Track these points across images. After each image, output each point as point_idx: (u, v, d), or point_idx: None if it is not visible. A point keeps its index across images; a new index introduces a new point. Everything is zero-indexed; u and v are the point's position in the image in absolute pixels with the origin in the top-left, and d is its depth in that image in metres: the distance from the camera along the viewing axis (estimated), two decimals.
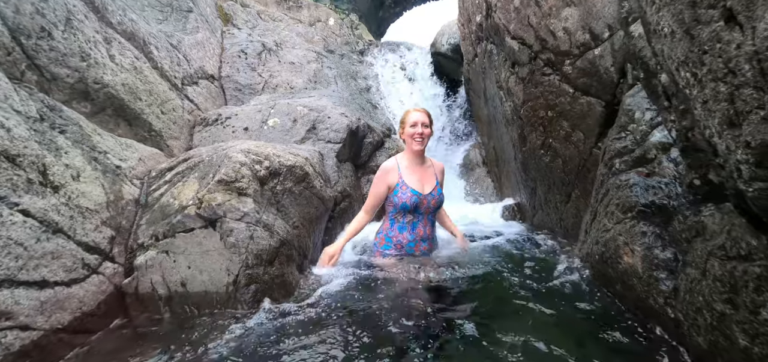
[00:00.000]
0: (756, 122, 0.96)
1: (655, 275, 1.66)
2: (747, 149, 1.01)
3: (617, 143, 2.29)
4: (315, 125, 3.77)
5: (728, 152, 1.09)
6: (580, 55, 3.04)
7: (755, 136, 0.97)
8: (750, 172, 1.03)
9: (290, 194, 2.70)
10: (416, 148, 2.60)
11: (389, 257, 2.59)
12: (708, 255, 1.37)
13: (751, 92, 0.97)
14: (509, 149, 4.26)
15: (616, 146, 2.27)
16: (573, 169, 3.28)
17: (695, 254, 1.48)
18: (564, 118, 3.26)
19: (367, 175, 4.15)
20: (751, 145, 1.00)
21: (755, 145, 0.98)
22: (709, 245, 1.39)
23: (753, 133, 0.98)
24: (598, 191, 2.34)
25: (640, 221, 1.83)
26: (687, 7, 1.10)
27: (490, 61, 4.53)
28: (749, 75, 0.96)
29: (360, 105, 5.10)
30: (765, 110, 0.94)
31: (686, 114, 1.62)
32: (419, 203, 2.51)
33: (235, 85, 4.84)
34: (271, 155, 2.64)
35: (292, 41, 5.76)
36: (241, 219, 2.26)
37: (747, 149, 1.01)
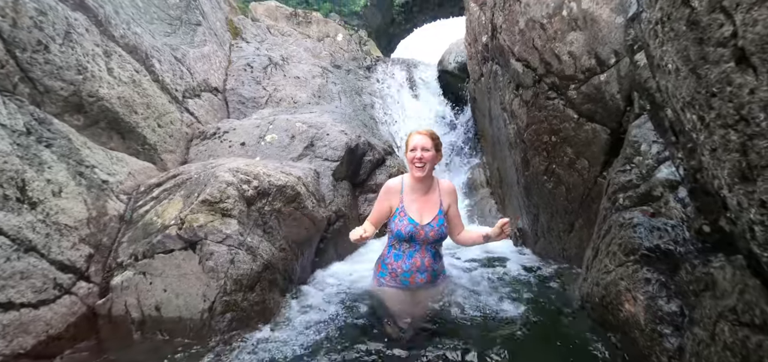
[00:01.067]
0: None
1: (658, 329, 1.48)
2: (762, 209, 0.86)
3: (622, 176, 2.13)
4: (313, 141, 3.68)
5: (740, 209, 0.94)
6: (585, 81, 2.90)
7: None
8: (766, 236, 0.87)
9: (279, 215, 2.60)
10: (416, 174, 2.33)
11: (384, 287, 2.37)
12: (718, 317, 1.20)
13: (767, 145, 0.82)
14: (512, 172, 4.10)
15: (621, 180, 2.11)
16: (577, 197, 3.10)
17: (703, 312, 1.31)
18: (568, 144, 3.10)
19: (365, 194, 4.03)
20: (766, 205, 0.85)
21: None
22: (720, 305, 1.22)
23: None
24: (601, 226, 2.17)
25: (643, 267, 1.66)
26: (693, 44, 0.96)
27: (495, 82, 4.40)
28: (764, 125, 0.82)
29: (362, 121, 5.02)
30: None
31: (694, 153, 1.46)
32: (415, 234, 2.27)
33: (238, 98, 4.82)
34: (261, 175, 2.55)
35: (298, 56, 5.74)
36: (223, 242, 2.16)
37: (762, 209, 0.86)
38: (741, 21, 0.83)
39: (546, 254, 3.56)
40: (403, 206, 2.34)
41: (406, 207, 2.34)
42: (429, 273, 2.35)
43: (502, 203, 4.95)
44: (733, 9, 0.84)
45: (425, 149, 2.34)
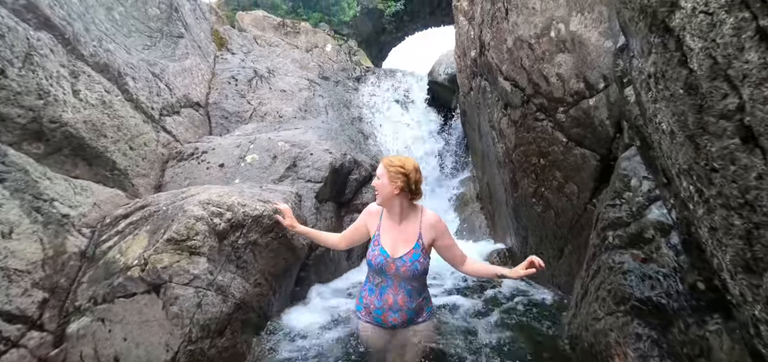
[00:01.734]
0: None
1: None
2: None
3: (611, 211, 2.02)
4: (296, 162, 3.54)
5: (743, 300, 0.83)
6: (573, 104, 2.80)
7: None
8: None
9: (255, 248, 2.44)
10: (377, 202, 2.15)
11: (362, 321, 2.15)
12: None
13: None
14: (501, 191, 3.99)
15: (610, 216, 2.00)
16: (566, 223, 3.00)
17: None
18: (557, 167, 3.00)
19: (350, 214, 3.89)
20: None
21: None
22: None
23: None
24: (590, 264, 2.06)
25: (634, 319, 1.55)
26: (691, 111, 0.84)
27: (483, 97, 4.29)
28: None
29: (350, 136, 4.88)
30: None
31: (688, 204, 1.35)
32: (385, 267, 2.03)
33: (221, 113, 4.65)
34: (235, 205, 2.39)
35: (285, 68, 5.59)
36: (190, 283, 2.01)
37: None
38: (749, 96, 0.71)
39: (535, 279, 3.45)
40: (379, 234, 2.11)
41: (381, 236, 2.10)
42: (403, 312, 2.07)
43: (492, 219, 4.84)
44: (740, 80, 0.72)
45: (377, 177, 2.09)
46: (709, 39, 0.76)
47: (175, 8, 4.52)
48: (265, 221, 2.53)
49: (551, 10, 2.91)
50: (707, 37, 0.76)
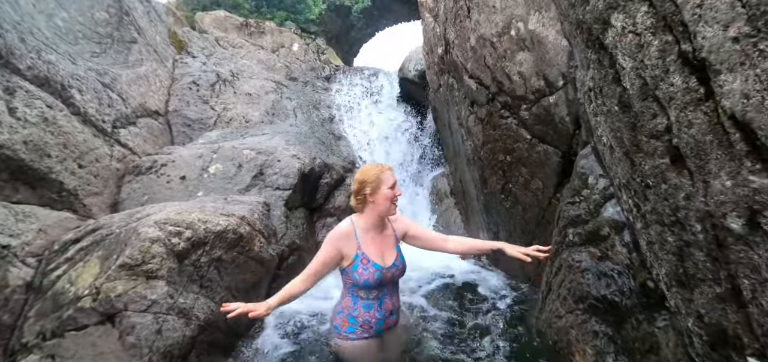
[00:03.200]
0: (710, 297, 0.73)
1: None
2: (700, 322, 0.78)
3: (571, 209, 2.08)
4: (262, 170, 3.44)
5: (678, 312, 0.86)
6: (535, 102, 2.86)
7: (710, 313, 0.74)
8: (704, 349, 0.79)
9: (219, 264, 2.36)
10: (392, 213, 2.10)
11: (356, 341, 2.05)
12: None
13: (704, 260, 0.73)
14: (472, 187, 4.05)
15: (570, 213, 2.06)
16: (533, 218, 3.08)
17: None
18: (523, 164, 3.06)
19: (323, 219, 3.84)
20: (704, 320, 0.76)
21: (709, 322, 0.75)
22: None
23: (707, 308, 0.74)
24: (553, 261, 2.12)
25: (591, 317, 1.61)
26: (626, 128, 0.86)
27: (451, 95, 4.32)
28: (701, 238, 0.73)
29: (320, 138, 4.81)
30: (721, 288, 0.70)
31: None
32: (383, 279, 2.03)
33: (183, 121, 4.46)
34: (195, 222, 2.30)
35: (250, 70, 5.42)
36: (148, 310, 1.91)
37: (700, 322, 0.78)
38: (675, 118, 0.73)
39: (507, 272, 3.54)
40: (364, 253, 2.04)
41: (366, 252, 2.05)
42: (397, 310, 2.16)
43: (466, 214, 4.91)
44: (667, 102, 0.74)
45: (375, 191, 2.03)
46: (638, 59, 0.77)
47: (125, 12, 4.27)
48: (229, 236, 2.45)
49: (511, 9, 2.94)
50: (636, 58, 0.78)
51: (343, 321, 2.03)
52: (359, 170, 2.12)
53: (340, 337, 2.03)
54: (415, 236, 2.18)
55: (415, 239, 2.19)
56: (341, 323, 2.03)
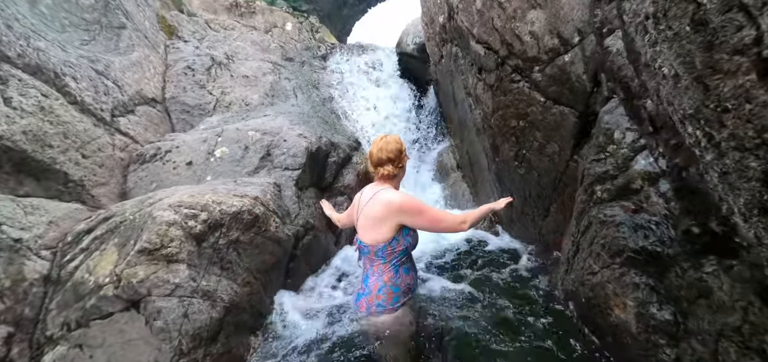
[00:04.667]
0: None
1: (653, 339, 1.42)
2: None
3: (597, 166, 2.05)
4: (269, 150, 3.37)
5: (758, 243, 0.83)
6: (549, 62, 2.79)
7: None
8: None
9: (238, 246, 2.32)
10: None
11: (401, 308, 2.02)
12: (718, 335, 1.13)
13: None
14: (482, 157, 4.01)
15: (596, 170, 2.03)
16: (549, 183, 3.06)
17: (701, 324, 1.24)
18: (536, 128, 3.02)
19: (333, 197, 3.79)
20: None
21: None
22: (719, 321, 1.14)
23: None
24: (579, 220, 2.10)
25: (630, 270, 1.59)
26: (700, 49, 0.81)
27: (456, 65, 4.23)
28: None
29: (323, 118, 4.71)
30: None
31: (680, 150, 1.36)
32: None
33: (182, 108, 4.33)
34: (210, 204, 2.24)
35: (245, 52, 5.26)
36: (172, 294, 1.87)
37: None
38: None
39: (523, 238, 3.54)
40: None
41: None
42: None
43: (474, 186, 4.89)
44: (758, 9, 0.69)
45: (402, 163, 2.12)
46: None
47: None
48: (244, 217, 2.39)
49: None
50: None
51: (388, 296, 1.96)
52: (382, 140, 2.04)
53: (386, 311, 1.97)
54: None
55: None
56: (386, 298, 1.96)
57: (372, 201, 1.95)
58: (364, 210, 1.99)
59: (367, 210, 1.96)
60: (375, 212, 1.92)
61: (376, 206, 1.91)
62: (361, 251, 2.04)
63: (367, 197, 2.00)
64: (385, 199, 1.90)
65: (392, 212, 1.88)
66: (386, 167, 1.95)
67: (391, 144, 1.99)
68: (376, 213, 1.91)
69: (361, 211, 2.03)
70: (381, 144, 1.99)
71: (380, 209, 1.90)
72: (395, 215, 1.88)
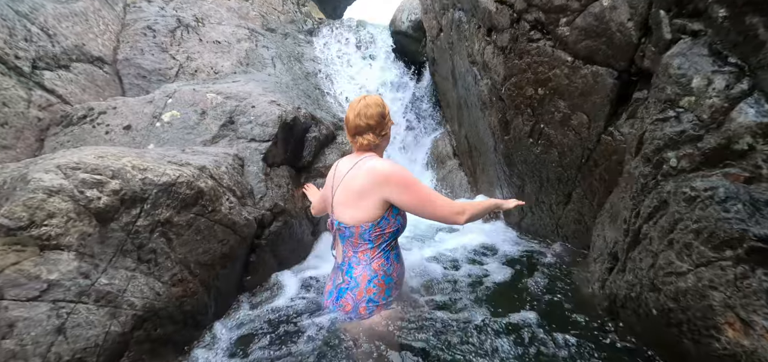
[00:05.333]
0: None
1: None
2: None
3: (665, 126, 1.45)
4: (233, 117, 2.69)
5: None
6: (581, 10, 2.19)
7: None
8: None
9: (168, 230, 1.65)
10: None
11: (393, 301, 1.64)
12: None
13: None
14: (487, 137, 3.40)
15: (666, 132, 1.43)
16: (573, 162, 2.46)
17: None
18: (560, 96, 2.42)
19: (312, 180, 3.13)
20: None
21: None
22: None
23: None
24: (639, 200, 1.50)
25: (756, 270, 0.99)
26: None
27: (459, 32, 3.62)
28: None
29: (304, 91, 4.04)
30: None
31: None
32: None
33: (137, 71, 3.61)
34: (127, 169, 1.57)
35: (218, 16, 4.54)
36: (41, 297, 1.20)
37: None
38: None
39: (535, 232, 2.94)
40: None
41: None
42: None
43: (473, 174, 4.29)
44: None
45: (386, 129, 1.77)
46: None
47: None
48: (182, 191, 1.72)
49: None
50: None
51: (380, 288, 1.58)
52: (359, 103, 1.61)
53: (378, 308, 1.57)
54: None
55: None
56: (377, 291, 1.58)
57: (353, 172, 1.58)
58: (344, 183, 1.60)
59: (348, 182, 1.58)
60: (358, 184, 1.54)
61: (359, 178, 1.54)
62: (341, 235, 1.61)
63: (345, 167, 1.63)
64: (368, 167, 1.54)
65: (378, 184, 1.51)
66: (366, 136, 1.59)
67: (371, 108, 1.60)
68: (359, 186, 1.53)
69: (338, 185, 1.64)
70: (359, 108, 1.60)
71: (364, 181, 1.52)
72: (381, 188, 1.50)
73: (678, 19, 1.61)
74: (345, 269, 1.61)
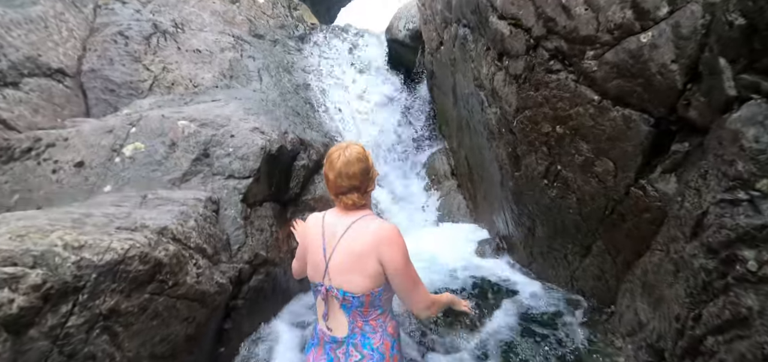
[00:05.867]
0: None
1: None
2: None
3: (738, 213, 1.15)
4: (207, 149, 2.31)
5: None
6: (613, 44, 1.88)
7: None
8: None
9: (116, 322, 1.29)
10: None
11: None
12: None
13: None
14: (493, 168, 3.09)
15: (740, 222, 1.13)
16: (595, 213, 2.17)
17: None
18: (582, 138, 2.11)
19: (299, 214, 2.78)
20: None
21: None
22: None
23: None
24: (699, 300, 1.20)
25: None
26: None
27: (463, 51, 3.28)
28: None
29: (293, 108, 3.67)
30: None
31: None
32: None
33: (104, 84, 3.19)
34: (55, 250, 1.20)
35: (200, 21, 4.11)
36: None
37: None
38: None
39: (546, 278, 2.65)
40: None
41: None
42: None
43: (473, 199, 3.98)
44: None
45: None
46: None
47: None
48: (133, 268, 1.36)
49: None
50: None
51: (400, 351, 1.49)
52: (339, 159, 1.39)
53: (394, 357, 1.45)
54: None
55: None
56: (400, 355, 1.49)
57: (352, 234, 1.38)
58: (343, 247, 1.39)
59: (348, 246, 1.38)
60: (361, 246, 1.35)
61: (364, 238, 1.35)
62: (345, 305, 1.41)
63: (338, 226, 1.41)
64: (375, 229, 1.36)
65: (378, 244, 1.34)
66: (350, 197, 1.40)
67: (352, 165, 1.40)
68: (363, 248, 1.35)
69: (334, 249, 1.41)
70: (339, 166, 1.39)
71: (370, 242, 1.35)
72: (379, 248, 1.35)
73: (747, 74, 1.31)
74: (358, 343, 1.42)
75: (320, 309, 1.44)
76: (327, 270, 1.40)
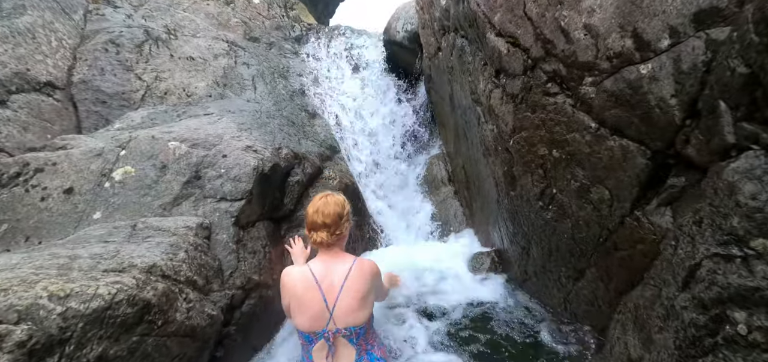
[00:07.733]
0: None
1: None
2: None
3: (730, 271, 1.13)
4: (199, 171, 2.29)
5: None
6: (611, 73, 1.84)
7: None
8: None
9: None
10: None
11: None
12: None
13: None
14: (489, 185, 3.07)
15: (731, 281, 1.12)
16: (589, 238, 2.15)
17: None
18: (578, 164, 2.09)
19: (293, 231, 2.77)
20: None
21: None
22: None
23: None
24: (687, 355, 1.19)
25: None
26: None
27: (461, 62, 3.23)
28: None
29: (288, 117, 3.63)
30: None
31: None
32: None
33: (96, 96, 3.14)
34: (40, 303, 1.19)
35: (194, 26, 4.04)
36: None
37: None
38: None
39: (541, 299, 2.65)
40: None
41: None
42: None
43: (470, 207, 3.97)
44: None
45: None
46: None
47: None
48: (121, 312, 1.36)
49: None
50: None
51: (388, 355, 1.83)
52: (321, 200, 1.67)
53: None
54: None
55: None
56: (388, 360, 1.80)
57: (352, 276, 1.61)
58: (347, 291, 1.59)
59: (352, 286, 1.60)
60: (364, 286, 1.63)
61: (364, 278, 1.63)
62: (351, 339, 1.61)
63: (337, 275, 1.61)
64: (367, 269, 1.67)
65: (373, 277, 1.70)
66: (320, 233, 1.62)
67: (329, 206, 1.64)
68: (366, 287, 1.64)
69: (339, 296, 1.59)
70: (318, 204, 1.66)
71: (369, 281, 1.66)
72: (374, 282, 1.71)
73: (748, 122, 1.28)
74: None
75: (321, 353, 1.54)
76: (331, 318, 1.57)
